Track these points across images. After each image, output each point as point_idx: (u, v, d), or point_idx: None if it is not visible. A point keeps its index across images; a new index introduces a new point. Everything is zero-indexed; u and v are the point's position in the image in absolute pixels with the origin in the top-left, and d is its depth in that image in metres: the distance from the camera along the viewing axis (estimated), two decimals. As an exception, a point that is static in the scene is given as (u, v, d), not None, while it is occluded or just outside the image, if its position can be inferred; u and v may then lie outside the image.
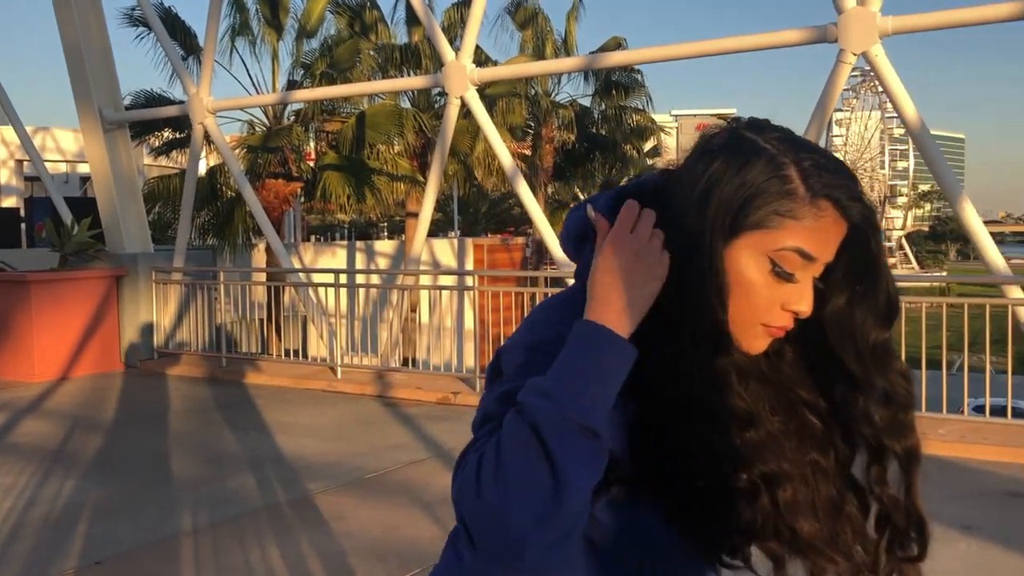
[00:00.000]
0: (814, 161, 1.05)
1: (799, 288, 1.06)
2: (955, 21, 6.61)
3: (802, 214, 1.03)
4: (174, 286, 10.89)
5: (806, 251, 1.04)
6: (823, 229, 1.04)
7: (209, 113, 10.71)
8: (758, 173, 1.04)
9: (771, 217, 1.03)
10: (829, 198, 1.03)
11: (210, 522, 5.08)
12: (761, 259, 1.04)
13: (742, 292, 1.05)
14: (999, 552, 4.45)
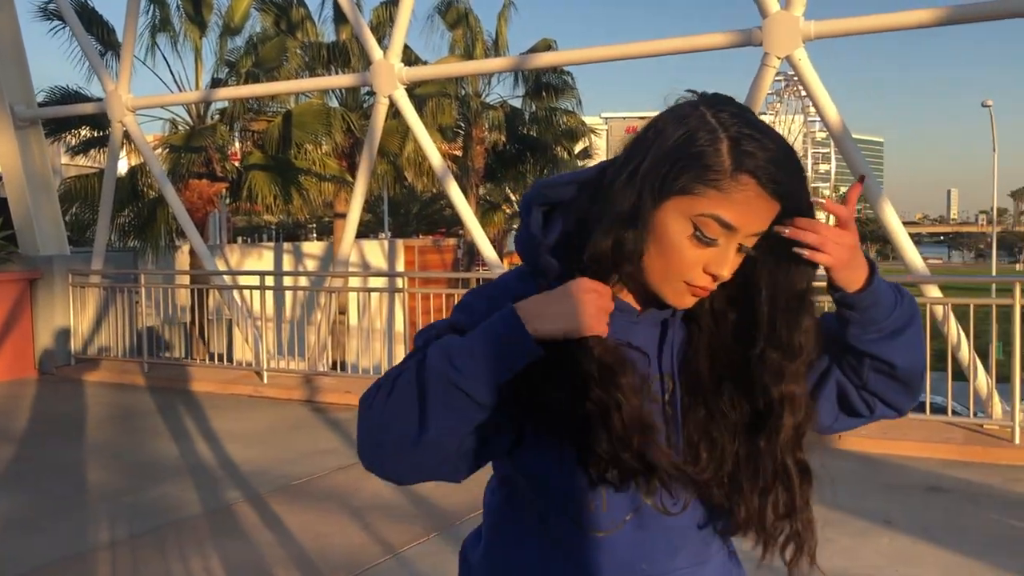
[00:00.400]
0: (751, 138, 1.12)
1: (720, 253, 1.15)
2: (876, 26, 6.77)
3: (725, 186, 1.11)
4: (92, 289, 10.53)
5: (725, 220, 1.13)
6: (745, 202, 1.12)
7: (128, 111, 10.37)
8: (693, 143, 1.12)
9: (696, 185, 1.12)
10: (752, 175, 1.11)
11: (129, 534, 4.90)
12: (685, 222, 1.14)
13: (665, 250, 1.15)
14: (921, 545, 4.55)
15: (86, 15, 14.18)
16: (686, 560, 1.28)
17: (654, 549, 1.26)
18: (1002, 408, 6.56)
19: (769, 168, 1.11)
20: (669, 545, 1.26)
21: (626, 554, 1.25)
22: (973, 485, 5.56)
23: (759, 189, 1.12)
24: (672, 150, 1.14)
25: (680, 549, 1.28)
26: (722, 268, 1.16)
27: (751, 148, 1.12)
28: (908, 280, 6.82)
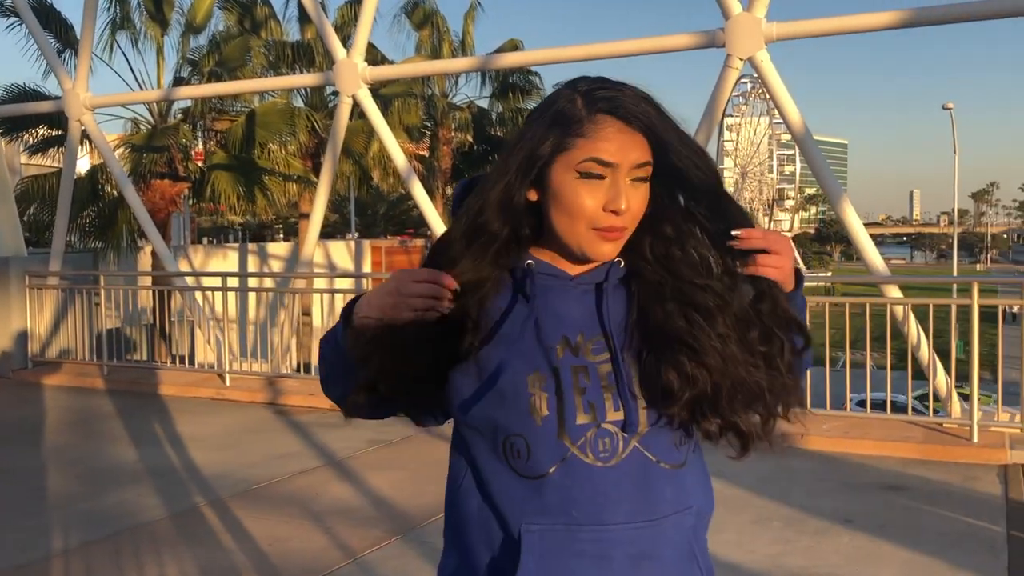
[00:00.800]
0: (601, 88, 1.31)
1: (611, 188, 1.29)
2: (838, 28, 6.83)
3: (586, 131, 1.29)
4: (50, 291, 10.34)
5: (599, 158, 1.28)
6: (609, 137, 1.28)
7: (87, 110, 10.20)
8: (556, 109, 1.31)
9: (566, 139, 1.29)
10: (605, 112, 1.29)
11: (83, 542, 4.80)
12: (572, 174, 1.30)
13: (565, 204, 1.31)
14: (879, 543, 4.59)
15: (44, 12, 13.93)
16: (627, 516, 1.33)
17: (582, 497, 1.32)
18: (961, 407, 6.64)
19: (619, 103, 1.29)
20: (601, 495, 1.32)
21: (554, 498, 1.32)
22: (932, 484, 5.61)
23: (617, 123, 1.29)
24: (543, 122, 1.32)
25: (617, 502, 1.32)
26: (618, 202, 1.29)
27: (601, 94, 1.30)
28: (869, 280, 6.89)
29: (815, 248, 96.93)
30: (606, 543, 1.33)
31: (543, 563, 1.33)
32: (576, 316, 1.35)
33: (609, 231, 1.30)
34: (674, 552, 1.37)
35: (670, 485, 1.35)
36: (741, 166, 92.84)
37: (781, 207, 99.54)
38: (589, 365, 1.33)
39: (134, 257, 17.04)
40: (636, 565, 1.34)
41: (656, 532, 1.35)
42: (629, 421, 1.32)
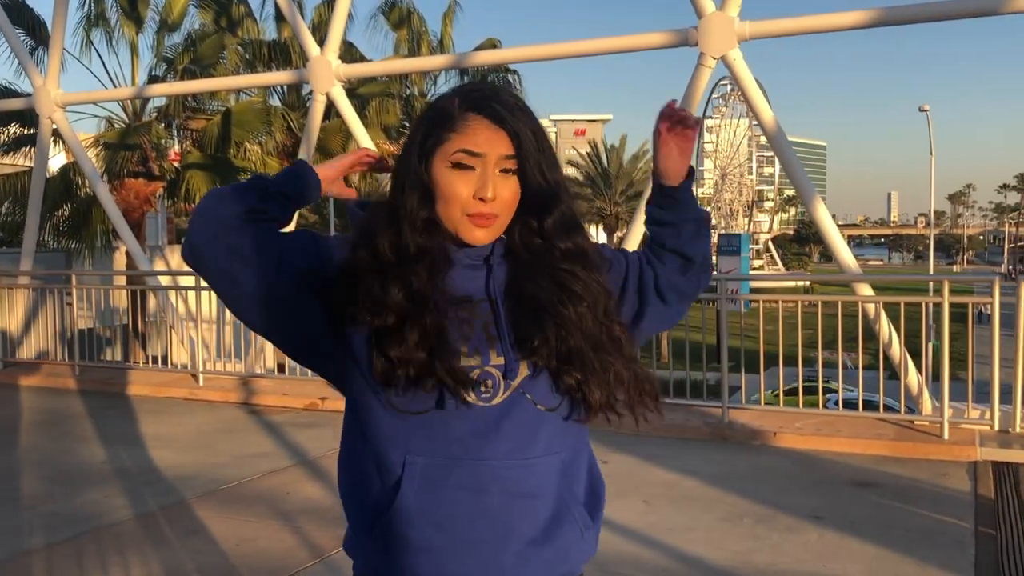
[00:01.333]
0: (477, 91, 1.51)
1: (480, 178, 1.47)
2: (810, 27, 6.85)
3: (458, 127, 1.47)
4: (21, 291, 10.23)
5: (468, 149, 1.46)
6: (476, 132, 1.47)
7: (58, 107, 10.09)
8: (437, 109, 1.52)
9: (442, 134, 1.48)
10: (474, 111, 1.47)
11: (47, 543, 4.73)
12: (446, 164, 1.48)
13: (443, 193, 1.48)
14: (848, 540, 4.60)
15: (16, 8, 13.77)
16: (505, 453, 1.47)
17: (463, 433, 1.46)
18: (932, 404, 6.67)
19: (488, 105, 1.48)
20: (481, 432, 1.46)
21: (436, 433, 1.47)
22: (902, 481, 5.64)
23: (484, 120, 1.47)
24: (427, 121, 1.52)
25: (497, 440, 1.46)
26: (485, 190, 1.46)
27: (474, 96, 1.50)
28: (842, 279, 6.91)
29: (794, 249, 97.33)
30: (484, 478, 1.46)
31: (422, 493, 1.46)
32: (464, 282, 1.51)
33: (478, 217, 1.47)
34: (547, 493, 1.50)
35: (545, 428, 1.50)
36: (721, 168, 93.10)
37: (761, 208, 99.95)
38: (475, 321, 1.49)
39: (110, 257, 16.89)
40: (511, 501, 1.47)
41: (530, 472, 1.48)
42: (509, 366, 1.47)
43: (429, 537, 1.46)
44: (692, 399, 7.58)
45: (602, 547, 4.65)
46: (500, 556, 1.47)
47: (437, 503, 1.46)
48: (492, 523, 1.46)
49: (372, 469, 1.51)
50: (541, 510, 1.49)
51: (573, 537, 1.53)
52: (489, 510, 1.46)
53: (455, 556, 1.47)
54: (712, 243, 17.45)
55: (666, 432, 6.89)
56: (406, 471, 1.46)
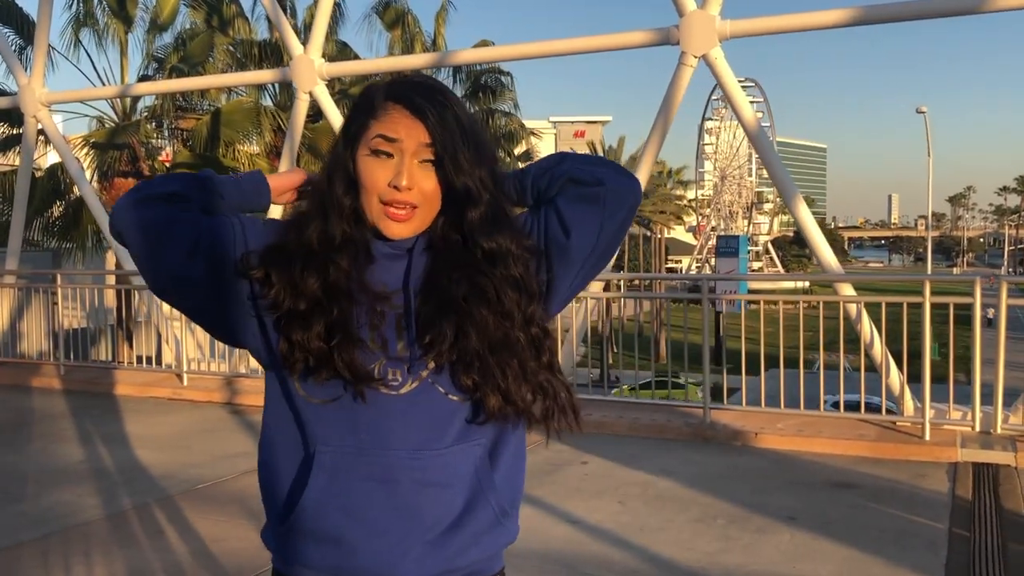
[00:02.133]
0: (401, 81, 1.52)
1: (397, 166, 1.46)
2: (791, 26, 6.82)
3: (377, 114, 1.48)
4: (7, 290, 10.19)
5: (384, 134, 1.46)
6: (395, 120, 1.47)
7: (43, 106, 10.06)
8: (364, 98, 1.54)
9: (365, 121, 1.50)
10: (394, 100, 1.48)
11: (11, 543, 4.69)
12: (365, 151, 1.48)
13: (363, 181, 1.47)
14: (821, 541, 4.56)
15: (4, 7, 13.75)
16: (415, 443, 1.46)
17: (371, 422, 1.46)
18: (914, 405, 6.64)
19: (406, 93, 1.48)
20: (389, 422, 1.46)
21: (345, 422, 1.46)
22: (880, 481, 5.60)
23: (402, 109, 1.47)
24: (353, 109, 1.54)
25: (405, 430, 1.46)
26: (400, 178, 1.45)
27: (397, 85, 1.51)
28: (823, 278, 6.85)
29: (794, 251, 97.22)
30: (394, 468, 1.45)
31: (333, 482, 1.46)
32: (383, 274, 1.51)
33: (394, 206, 1.47)
34: (460, 482, 1.49)
35: (458, 417, 1.48)
36: (720, 169, 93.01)
37: (760, 210, 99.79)
38: (387, 312, 1.48)
39: (101, 257, 16.86)
40: (422, 490, 1.46)
41: (443, 462, 1.47)
42: (414, 358, 1.46)
43: (340, 528, 1.46)
44: (674, 400, 7.56)
45: (572, 547, 4.63)
46: (411, 545, 1.46)
47: (347, 493, 1.45)
48: (403, 513, 1.46)
49: (283, 459, 1.52)
50: (454, 498, 1.48)
51: (487, 522, 1.52)
52: (400, 500, 1.45)
53: (366, 547, 1.46)
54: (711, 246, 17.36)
55: (647, 432, 6.86)
56: (316, 460, 1.46)
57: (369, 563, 1.47)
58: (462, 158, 1.47)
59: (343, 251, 1.47)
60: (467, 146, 1.48)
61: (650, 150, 7.63)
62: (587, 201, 1.54)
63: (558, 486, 5.56)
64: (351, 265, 1.47)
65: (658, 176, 60.47)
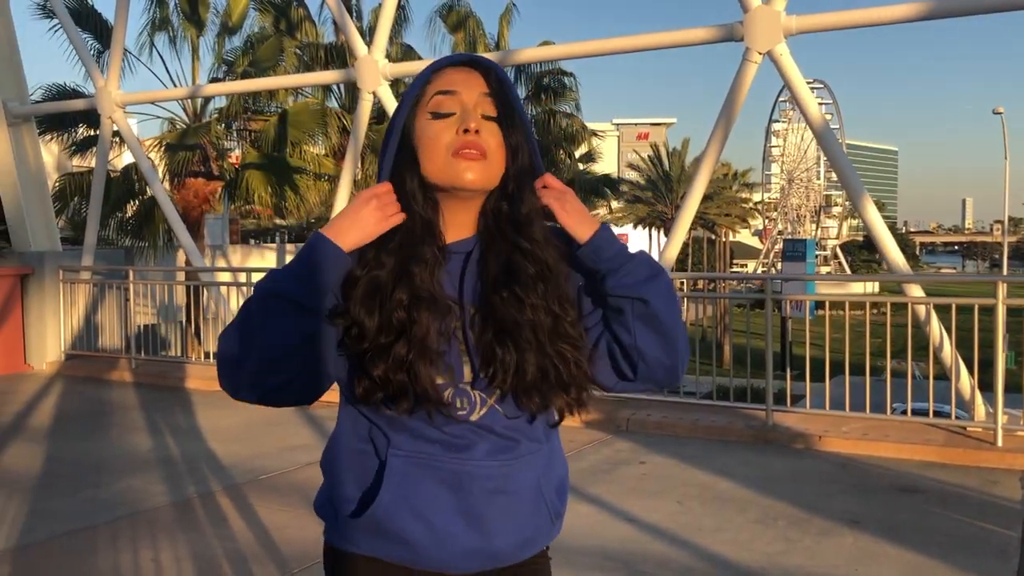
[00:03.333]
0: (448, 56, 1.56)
1: (462, 116, 1.46)
2: (858, 21, 6.67)
3: (433, 77, 1.52)
4: (82, 286, 10.54)
5: (442, 88, 1.48)
6: (451, 75, 1.50)
7: (118, 107, 10.38)
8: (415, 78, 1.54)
9: (424, 88, 1.51)
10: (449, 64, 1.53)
11: (84, 526, 4.85)
12: (425, 117, 1.48)
13: (425, 143, 1.46)
14: (885, 545, 4.45)
15: (85, 13, 14.22)
16: (484, 455, 1.49)
17: (444, 438, 1.49)
18: (985, 410, 6.44)
19: (463, 58, 1.53)
20: (459, 441, 1.49)
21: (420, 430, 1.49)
22: (948, 487, 5.45)
23: (456, 67, 1.51)
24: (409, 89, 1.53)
25: (473, 447, 1.49)
26: (468, 121, 1.45)
27: (447, 57, 1.55)
28: (890, 279, 6.70)
29: (863, 256, 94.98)
30: (464, 476, 1.49)
31: (404, 485, 1.49)
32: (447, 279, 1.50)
33: (464, 147, 1.43)
34: (525, 489, 1.53)
35: (522, 432, 1.53)
36: (788, 172, 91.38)
37: (828, 214, 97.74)
38: (450, 331, 1.47)
39: (172, 255, 17.32)
40: (490, 498, 1.50)
41: (510, 470, 1.51)
42: (480, 386, 1.49)
43: (409, 530, 1.50)
44: (736, 401, 7.46)
45: (630, 545, 4.61)
46: (475, 549, 1.52)
47: (417, 497, 1.49)
48: (472, 520, 1.50)
49: (355, 458, 1.55)
50: (519, 506, 1.53)
51: (544, 527, 1.59)
52: (469, 507, 1.50)
53: (432, 549, 1.51)
54: (777, 250, 16.92)
55: (707, 434, 6.78)
56: (388, 465, 1.50)
57: (430, 559, 1.52)
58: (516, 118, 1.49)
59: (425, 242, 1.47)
60: (516, 108, 1.50)
61: (713, 148, 7.54)
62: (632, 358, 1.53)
63: (615, 485, 5.54)
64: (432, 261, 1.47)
65: (723, 178, 59.73)
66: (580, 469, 5.82)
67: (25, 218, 10.66)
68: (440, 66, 1.52)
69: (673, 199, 46.14)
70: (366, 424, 1.54)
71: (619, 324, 1.51)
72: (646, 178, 48.66)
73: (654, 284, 1.50)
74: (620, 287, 1.49)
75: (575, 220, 1.51)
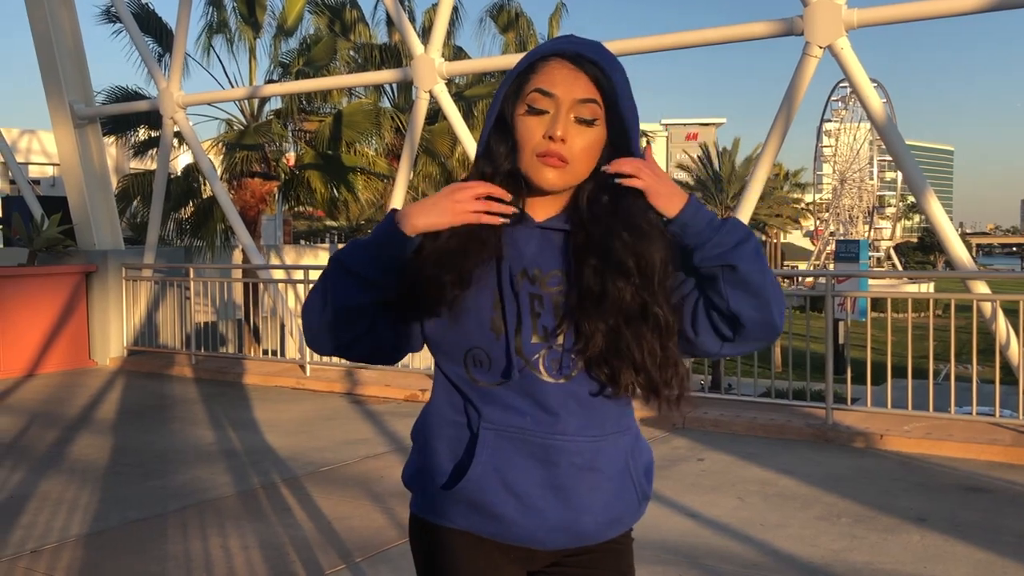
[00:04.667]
0: (562, 38, 1.54)
1: (552, 118, 1.48)
2: (921, 13, 6.56)
3: (538, 67, 1.51)
4: (144, 283, 10.78)
5: (542, 88, 1.48)
6: (552, 72, 1.50)
7: (179, 108, 10.60)
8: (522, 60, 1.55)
9: (525, 79, 1.52)
10: (554, 55, 1.51)
11: (154, 514, 4.98)
12: (522, 109, 1.50)
13: (519, 137, 1.50)
14: (952, 543, 4.38)
15: (146, 17, 14.56)
16: (576, 429, 1.53)
17: (535, 408, 1.52)
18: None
19: (565, 46, 1.50)
20: (552, 407, 1.52)
21: (511, 406, 1.52)
22: (1017, 487, 5.33)
23: (561, 61, 1.49)
24: (513, 71, 1.54)
25: (567, 416, 1.52)
26: (555, 128, 1.46)
27: (559, 41, 1.53)
28: (952, 276, 6.58)
29: (917, 257, 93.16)
30: (554, 451, 1.51)
31: (496, 456, 1.52)
32: (535, 253, 1.54)
33: (547, 156, 1.47)
34: (613, 467, 1.57)
35: (613, 406, 1.56)
36: (840, 172, 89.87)
37: (882, 215, 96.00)
38: (544, 295, 1.52)
39: (229, 254, 17.64)
40: (578, 474, 1.53)
41: (599, 447, 1.55)
42: (571, 349, 1.51)
43: (499, 503, 1.53)
44: (795, 400, 7.38)
45: (690, 539, 4.59)
46: (563, 524, 1.54)
47: (508, 469, 1.53)
48: (560, 493, 1.53)
49: (448, 430, 1.59)
50: (606, 484, 1.56)
51: (631, 507, 1.62)
52: (558, 482, 1.53)
53: (521, 521, 1.54)
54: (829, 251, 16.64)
55: (765, 432, 6.72)
56: (480, 438, 1.53)
57: (519, 533, 1.55)
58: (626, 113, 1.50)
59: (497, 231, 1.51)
60: (626, 107, 1.50)
61: (771, 145, 7.46)
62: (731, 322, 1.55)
63: (674, 481, 5.51)
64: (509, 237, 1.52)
65: (774, 178, 58.97)
66: (638, 465, 5.81)
67: (90, 217, 10.94)
68: (545, 54, 1.51)
69: (723, 199, 45.72)
70: (460, 396, 1.57)
71: (712, 291, 1.53)
72: (696, 178, 48.24)
73: (742, 250, 1.50)
74: (709, 259, 1.50)
75: (661, 199, 1.51)
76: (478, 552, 1.59)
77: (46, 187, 29.34)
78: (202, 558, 4.28)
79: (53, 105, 10.87)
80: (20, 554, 4.35)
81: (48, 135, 25.95)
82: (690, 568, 4.09)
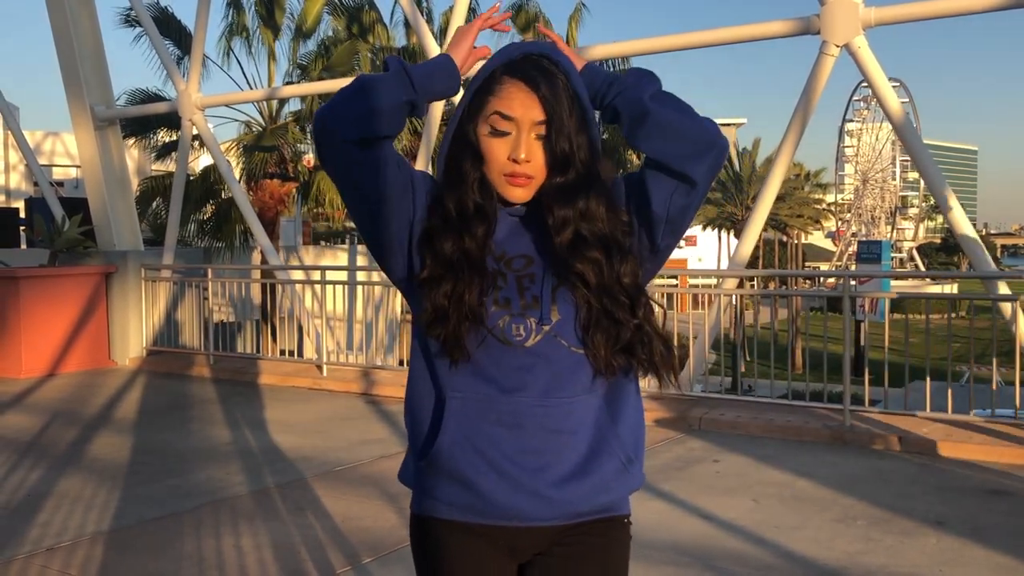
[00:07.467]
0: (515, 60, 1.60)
1: (515, 141, 1.57)
2: (938, 11, 6.49)
3: (495, 90, 1.58)
4: (163, 284, 10.86)
5: (502, 112, 1.57)
6: (510, 95, 1.57)
7: (198, 109, 10.67)
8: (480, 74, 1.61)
9: (485, 98, 1.59)
10: (510, 75, 1.58)
11: (169, 512, 5.00)
12: (485, 128, 1.59)
13: (485, 155, 1.59)
14: (971, 547, 4.32)
15: (165, 20, 14.66)
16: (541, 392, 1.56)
17: (500, 375, 1.57)
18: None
19: (522, 68, 1.57)
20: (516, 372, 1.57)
21: (477, 374, 1.58)
22: (1038, 490, 5.26)
23: (518, 83, 1.56)
24: (472, 85, 1.61)
25: (533, 380, 1.56)
26: (517, 152, 1.56)
27: (513, 63, 1.59)
28: (974, 276, 6.50)
29: (940, 259, 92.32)
30: (521, 414, 1.56)
31: (463, 425, 1.57)
32: (503, 237, 1.63)
33: (513, 177, 1.58)
34: (584, 429, 1.59)
35: (582, 370, 1.58)
36: (862, 172, 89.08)
37: (904, 215, 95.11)
38: (508, 273, 1.61)
39: (248, 255, 17.72)
40: (548, 436, 1.57)
41: (567, 409, 1.58)
42: (544, 313, 1.57)
43: (471, 469, 1.57)
44: (812, 402, 7.32)
45: (705, 540, 4.55)
46: (537, 488, 1.57)
47: (477, 436, 1.57)
48: (529, 457, 1.57)
49: (423, 403, 1.66)
50: (578, 445, 1.59)
51: (614, 469, 1.62)
52: (526, 444, 1.56)
53: (494, 488, 1.57)
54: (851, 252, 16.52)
55: (782, 434, 6.67)
56: (447, 406, 1.59)
57: (498, 504, 1.58)
58: (567, 124, 1.57)
59: (475, 220, 1.59)
60: (573, 114, 1.57)
61: (788, 144, 7.41)
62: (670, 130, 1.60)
63: (688, 482, 5.48)
64: (484, 232, 1.60)
65: (795, 178, 58.60)
66: (651, 466, 5.78)
67: (110, 218, 11.03)
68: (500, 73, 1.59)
69: (743, 200, 45.48)
70: (428, 368, 1.64)
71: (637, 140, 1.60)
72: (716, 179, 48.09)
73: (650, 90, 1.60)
74: (624, 102, 1.60)
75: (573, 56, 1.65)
76: (468, 546, 1.63)
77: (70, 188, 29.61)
78: (215, 557, 4.30)
79: (74, 107, 10.97)
80: (36, 551, 4.39)
81: (71, 137, 26.19)
82: (704, 570, 4.06)
